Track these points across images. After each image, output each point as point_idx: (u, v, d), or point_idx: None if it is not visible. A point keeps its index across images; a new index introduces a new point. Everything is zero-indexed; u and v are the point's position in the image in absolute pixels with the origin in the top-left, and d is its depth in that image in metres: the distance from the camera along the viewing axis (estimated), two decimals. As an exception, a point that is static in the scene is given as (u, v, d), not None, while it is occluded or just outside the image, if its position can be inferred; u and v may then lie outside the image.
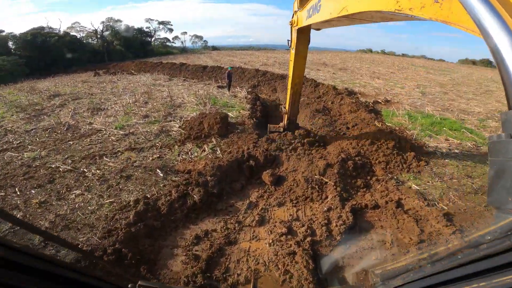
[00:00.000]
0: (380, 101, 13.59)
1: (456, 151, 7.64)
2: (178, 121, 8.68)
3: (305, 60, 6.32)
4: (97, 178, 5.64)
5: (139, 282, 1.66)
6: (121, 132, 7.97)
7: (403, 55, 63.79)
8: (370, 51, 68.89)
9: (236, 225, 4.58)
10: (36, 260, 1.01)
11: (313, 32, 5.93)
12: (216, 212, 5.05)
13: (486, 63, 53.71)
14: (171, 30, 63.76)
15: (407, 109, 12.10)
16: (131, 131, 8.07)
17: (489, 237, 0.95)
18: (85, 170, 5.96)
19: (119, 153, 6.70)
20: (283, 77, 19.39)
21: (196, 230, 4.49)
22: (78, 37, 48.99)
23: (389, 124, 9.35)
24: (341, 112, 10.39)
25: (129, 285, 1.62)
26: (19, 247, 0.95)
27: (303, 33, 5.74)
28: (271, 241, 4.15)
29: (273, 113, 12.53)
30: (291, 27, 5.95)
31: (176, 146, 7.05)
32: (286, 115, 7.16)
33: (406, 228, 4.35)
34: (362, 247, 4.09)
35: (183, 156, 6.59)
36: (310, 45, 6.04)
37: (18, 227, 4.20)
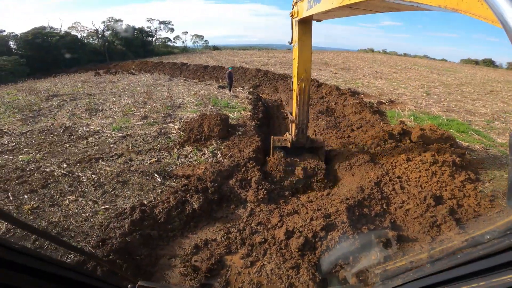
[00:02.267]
0: (384, 101, 13.31)
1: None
2: (178, 122, 8.43)
3: (310, 52, 5.49)
4: (92, 183, 5.42)
5: (139, 283, 1.65)
6: (119, 134, 7.74)
7: (405, 54, 63.36)
8: (372, 50, 68.48)
9: (237, 234, 4.35)
10: (36, 260, 1.00)
11: (313, 32, 5.62)
12: (216, 220, 4.84)
13: (488, 63, 53.19)
14: (172, 29, 63.73)
15: (412, 110, 11.83)
16: (129, 133, 7.83)
17: (488, 237, 0.97)
18: (80, 174, 5.74)
19: (116, 157, 6.48)
20: (285, 76, 19.16)
21: (195, 240, 4.29)
22: (79, 37, 48.91)
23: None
24: (345, 113, 10.13)
25: (129, 285, 1.62)
26: (19, 247, 0.95)
27: (305, 23, 5.38)
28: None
29: (275, 114, 12.31)
30: (292, 19, 5.58)
31: (175, 149, 6.81)
32: (293, 124, 5.83)
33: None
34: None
35: (182, 160, 6.36)
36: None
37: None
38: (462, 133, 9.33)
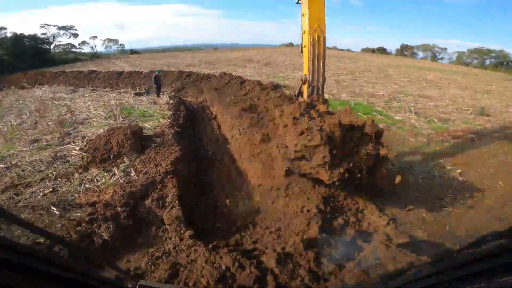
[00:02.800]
0: (303, 92, 14.22)
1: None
2: (80, 142, 7.13)
3: (323, 2, 4.87)
4: (-38, 234, 4.11)
5: (140, 282, 1.63)
6: (0, 166, 6.15)
7: (319, 47, 69.75)
8: (292, 45, 73.35)
9: (164, 257, 3.88)
10: (36, 260, 0.98)
11: (234, 31, 5.40)
12: (136, 246, 4.22)
13: (381, 50, 63.56)
14: (75, 35, 55.80)
15: (326, 97, 12.94)
16: (13, 162, 6.28)
17: (489, 238, 1.00)
18: None
19: (-5, 195, 5.09)
20: (209, 76, 18.74)
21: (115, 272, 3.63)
22: None
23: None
24: (268, 107, 10.34)
25: (129, 285, 1.59)
26: (18, 247, 0.92)
27: None
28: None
29: (200, 116, 11.82)
30: None
31: (77, 174, 5.74)
32: (306, 84, 5.05)
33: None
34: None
35: (86, 186, 5.39)
36: (234, 43, 5.35)
37: None
38: (367, 114, 10.64)
